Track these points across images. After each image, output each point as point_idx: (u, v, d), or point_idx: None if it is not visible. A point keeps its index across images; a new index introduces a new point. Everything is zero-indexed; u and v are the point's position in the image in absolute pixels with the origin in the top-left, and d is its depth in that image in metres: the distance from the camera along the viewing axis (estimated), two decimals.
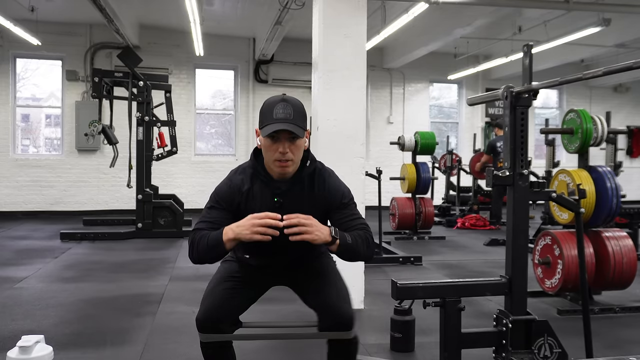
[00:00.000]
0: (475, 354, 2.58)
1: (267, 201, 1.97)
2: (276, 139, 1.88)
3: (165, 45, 9.99)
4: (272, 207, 1.94)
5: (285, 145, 1.88)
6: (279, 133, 1.86)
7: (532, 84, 2.49)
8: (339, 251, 1.90)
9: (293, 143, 1.89)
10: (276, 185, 1.98)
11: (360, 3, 3.85)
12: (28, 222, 8.66)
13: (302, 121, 1.91)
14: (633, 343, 3.27)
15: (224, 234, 1.85)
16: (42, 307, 3.81)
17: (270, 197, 1.98)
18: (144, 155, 7.20)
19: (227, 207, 1.98)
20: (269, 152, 1.91)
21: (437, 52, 10.46)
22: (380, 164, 6.85)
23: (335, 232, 1.87)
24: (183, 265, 5.35)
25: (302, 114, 1.93)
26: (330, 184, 2.03)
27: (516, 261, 2.52)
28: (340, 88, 3.80)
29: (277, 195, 1.97)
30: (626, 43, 9.32)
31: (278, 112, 1.87)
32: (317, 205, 2.00)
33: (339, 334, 1.97)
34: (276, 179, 1.98)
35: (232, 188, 1.99)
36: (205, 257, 1.90)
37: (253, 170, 2.01)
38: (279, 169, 1.92)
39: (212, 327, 1.96)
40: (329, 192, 2.01)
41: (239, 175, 2.02)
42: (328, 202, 2.01)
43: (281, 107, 1.88)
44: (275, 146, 1.89)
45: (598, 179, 3.80)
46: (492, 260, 5.80)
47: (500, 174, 2.51)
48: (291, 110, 1.88)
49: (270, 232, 1.79)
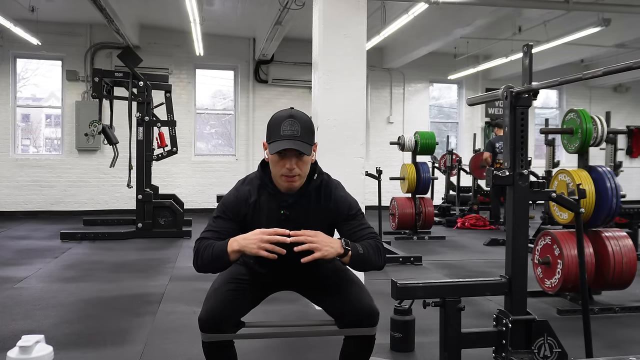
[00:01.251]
0: (475, 354, 2.58)
1: (273, 213, 1.98)
2: (283, 155, 1.88)
3: (165, 45, 9.99)
4: (278, 220, 1.95)
5: (292, 162, 1.88)
6: (286, 150, 1.86)
7: (532, 84, 2.49)
8: (351, 262, 1.89)
9: (300, 159, 1.90)
10: (283, 198, 1.98)
11: (360, 3, 3.85)
12: (28, 222, 8.66)
13: (310, 137, 1.91)
14: (633, 343, 3.27)
15: (229, 245, 1.85)
16: (42, 307, 3.81)
17: (277, 210, 1.98)
18: (144, 155, 7.20)
19: (234, 218, 1.98)
20: (276, 167, 1.92)
21: (437, 52, 10.46)
22: (380, 164, 6.86)
23: (347, 243, 1.87)
24: (183, 265, 5.35)
25: (310, 130, 1.93)
26: (337, 196, 2.02)
27: (516, 261, 2.52)
28: (340, 88, 3.80)
29: (284, 208, 1.98)
30: (626, 43, 9.32)
31: (285, 128, 1.87)
32: (324, 217, 2.01)
33: (363, 330, 1.98)
34: (283, 191, 1.98)
35: (238, 199, 2.00)
36: (210, 267, 1.91)
37: (260, 182, 2.01)
38: (286, 183, 1.93)
39: (214, 327, 1.96)
40: (335, 204, 2.01)
41: (246, 186, 2.02)
42: (334, 214, 2.01)
43: (289, 124, 1.87)
44: (283, 162, 1.89)
45: (598, 179, 3.80)
46: (492, 260, 5.81)
47: (500, 174, 2.51)
48: (299, 127, 1.88)
49: (278, 250, 1.79)
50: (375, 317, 2.00)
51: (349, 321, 2.00)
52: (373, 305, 2.01)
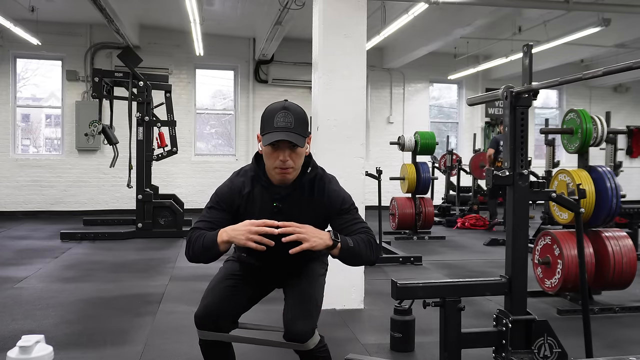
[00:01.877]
0: (475, 354, 2.58)
1: (266, 205, 1.98)
2: (277, 147, 1.88)
3: (165, 45, 9.99)
4: (271, 212, 1.94)
5: (285, 154, 1.88)
6: (279, 142, 1.86)
7: (532, 84, 2.49)
8: (341, 255, 1.87)
9: (294, 151, 1.89)
10: (276, 190, 1.98)
11: (360, 3, 3.85)
12: (28, 222, 8.66)
13: (303, 129, 1.91)
14: (633, 343, 3.27)
15: (219, 235, 1.84)
16: (42, 307, 3.81)
17: (270, 202, 1.98)
18: (144, 155, 7.20)
19: (227, 209, 1.98)
20: (270, 160, 1.91)
21: (437, 52, 10.46)
22: (380, 164, 6.86)
23: (336, 235, 1.85)
24: (183, 265, 5.35)
25: (304, 122, 1.92)
26: (330, 190, 2.01)
27: (516, 261, 2.52)
28: (340, 88, 3.80)
29: (277, 200, 1.98)
30: (626, 43, 9.32)
31: (279, 120, 1.87)
32: (317, 211, 2.00)
33: (295, 344, 1.93)
34: (276, 184, 1.98)
35: (232, 190, 2.00)
36: (200, 257, 1.90)
37: (254, 174, 2.01)
38: (279, 176, 1.93)
39: (210, 324, 1.96)
40: (329, 198, 2.00)
41: (240, 177, 2.03)
42: (327, 208, 2.00)
43: (282, 116, 1.87)
44: (276, 154, 1.88)
45: (598, 179, 3.80)
46: (492, 260, 5.81)
47: (500, 174, 2.51)
48: (292, 118, 1.87)
49: (266, 241, 1.77)
50: (300, 337, 1.91)
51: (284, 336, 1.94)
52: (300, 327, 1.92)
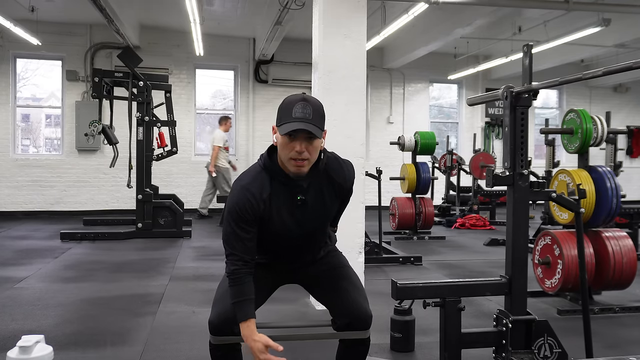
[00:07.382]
0: (475, 354, 2.59)
1: (289, 201, 1.96)
2: (293, 138, 1.84)
3: (165, 45, 9.99)
4: (295, 206, 1.96)
5: (302, 145, 1.84)
6: (296, 132, 1.83)
7: (532, 84, 2.49)
8: None
9: (310, 143, 1.86)
10: (296, 184, 1.95)
11: (360, 3, 3.85)
12: (28, 222, 8.66)
13: (321, 122, 1.88)
14: (633, 343, 3.27)
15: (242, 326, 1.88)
16: (42, 307, 3.81)
17: (291, 196, 1.96)
18: (144, 155, 7.20)
19: (256, 220, 1.94)
20: (285, 150, 1.87)
21: (437, 52, 10.45)
22: (380, 164, 6.86)
23: None
24: (183, 265, 5.36)
25: (321, 115, 1.90)
26: (345, 173, 2.07)
27: (516, 261, 2.53)
28: (340, 88, 3.80)
29: (299, 193, 1.97)
30: (626, 43, 9.31)
31: (297, 111, 1.84)
32: (336, 193, 2.06)
33: (356, 333, 1.97)
34: (293, 177, 1.93)
35: (252, 200, 1.91)
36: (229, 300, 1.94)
37: (270, 173, 1.96)
38: (294, 168, 1.88)
39: (226, 330, 1.94)
40: (344, 180, 2.07)
41: (252, 183, 1.94)
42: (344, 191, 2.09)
43: (300, 107, 1.84)
44: (292, 145, 1.84)
45: (598, 179, 3.80)
46: (492, 260, 5.81)
47: (500, 174, 2.51)
48: (310, 110, 1.85)
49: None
50: (367, 320, 1.98)
51: (342, 324, 2.00)
52: (366, 308, 1.99)
